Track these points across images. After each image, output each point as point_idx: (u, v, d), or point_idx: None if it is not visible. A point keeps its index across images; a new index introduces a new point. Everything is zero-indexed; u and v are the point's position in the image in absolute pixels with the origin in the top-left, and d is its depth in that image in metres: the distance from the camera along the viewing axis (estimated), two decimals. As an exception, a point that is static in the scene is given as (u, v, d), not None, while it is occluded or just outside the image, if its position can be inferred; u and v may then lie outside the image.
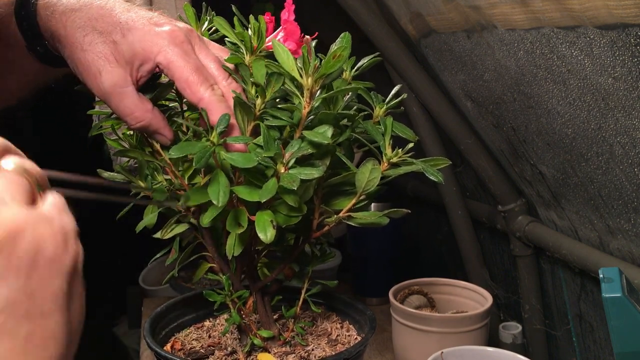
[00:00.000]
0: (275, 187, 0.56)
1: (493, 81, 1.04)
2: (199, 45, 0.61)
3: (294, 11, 0.64)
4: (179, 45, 0.58)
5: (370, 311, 0.76)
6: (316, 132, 0.58)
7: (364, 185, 0.61)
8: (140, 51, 0.58)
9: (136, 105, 0.59)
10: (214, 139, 0.57)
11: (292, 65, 0.58)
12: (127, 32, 0.58)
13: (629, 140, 0.81)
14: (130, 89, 0.59)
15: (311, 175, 0.57)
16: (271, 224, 0.58)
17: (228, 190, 0.57)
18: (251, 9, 1.36)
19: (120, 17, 0.58)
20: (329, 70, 0.58)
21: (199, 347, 0.74)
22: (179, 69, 0.58)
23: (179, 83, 0.58)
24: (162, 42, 0.58)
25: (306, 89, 0.58)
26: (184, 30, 0.60)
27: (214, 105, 0.58)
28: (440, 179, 0.60)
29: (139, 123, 0.60)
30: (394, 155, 0.61)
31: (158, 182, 0.66)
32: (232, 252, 0.63)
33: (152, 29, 0.58)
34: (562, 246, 1.09)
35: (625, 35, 0.69)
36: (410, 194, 1.75)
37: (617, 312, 0.67)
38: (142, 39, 0.58)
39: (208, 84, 0.59)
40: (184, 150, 0.57)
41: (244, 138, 0.59)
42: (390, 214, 0.64)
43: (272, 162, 0.56)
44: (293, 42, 0.64)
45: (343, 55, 0.57)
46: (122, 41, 0.58)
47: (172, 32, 0.59)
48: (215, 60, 0.61)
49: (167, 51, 0.58)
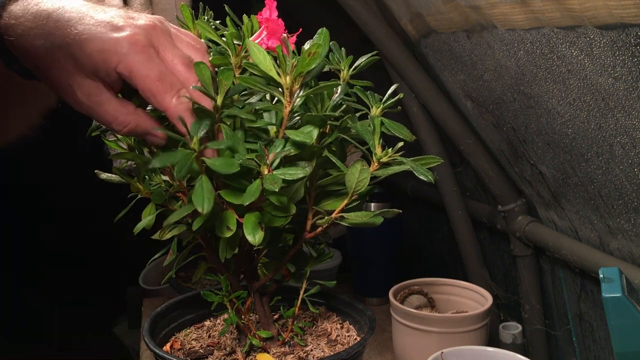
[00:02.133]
0: (259, 189, 0.55)
1: (493, 81, 1.04)
2: (164, 45, 0.57)
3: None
4: (140, 52, 0.55)
5: (370, 311, 0.76)
6: (299, 132, 0.57)
7: (354, 185, 0.61)
8: (101, 63, 0.55)
9: (117, 110, 0.57)
10: (195, 145, 0.54)
11: (268, 64, 0.57)
12: (84, 44, 0.54)
13: (629, 140, 0.81)
14: (106, 95, 0.57)
15: (296, 176, 0.56)
16: (259, 226, 0.57)
17: (212, 196, 0.55)
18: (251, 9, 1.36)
19: (77, 27, 0.55)
20: (305, 68, 0.57)
21: (198, 347, 0.74)
22: (141, 79, 0.55)
23: (144, 93, 0.56)
24: (121, 50, 0.54)
25: (285, 87, 0.58)
26: (146, 31, 0.56)
27: (182, 115, 0.55)
28: (430, 179, 0.59)
29: (126, 127, 0.58)
30: (384, 155, 0.61)
31: (156, 184, 0.66)
32: (225, 255, 0.62)
33: (110, 37, 0.55)
34: (562, 246, 1.09)
35: (625, 35, 0.69)
36: (410, 194, 1.75)
37: (617, 312, 0.67)
38: (100, 49, 0.54)
39: (174, 91, 0.56)
40: (166, 160, 0.54)
41: (224, 142, 0.57)
42: (383, 214, 0.63)
43: (254, 164, 0.55)
44: (276, 40, 0.63)
45: (318, 52, 0.56)
46: (80, 54, 0.55)
47: (131, 38, 0.55)
48: (183, 61, 0.58)
49: (127, 60, 0.55)
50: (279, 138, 0.59)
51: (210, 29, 0.64)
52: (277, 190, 0.54)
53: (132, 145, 0.65)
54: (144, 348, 1.26)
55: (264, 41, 0.63)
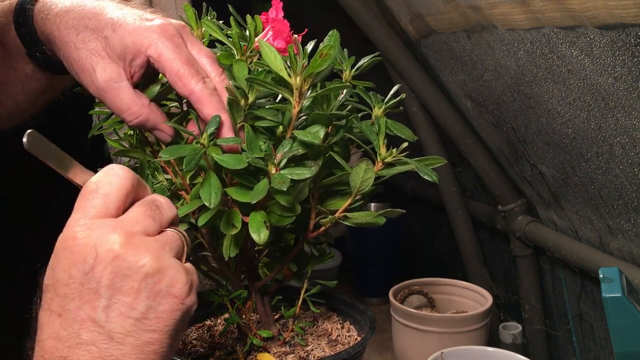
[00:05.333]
0: (266, 188, 0.56)
1: (493, 81, 1.04)
2: (191, 39, 0.60)
3: (282, 9, 0.64)
4: (169, 39, 0.58)
5: (370, 311, 0.76)
6: (307, 132, 0.58)
7: (359, 185, 0.61)
8: (131, 45, 0.57)
9: (132, 101, 0.59)
10: (204, 140, 0.56)
11: (279, 65, 0.57)
12: (118, 27, 0.58)
13: (629, 140, 0.81)
14: (125, 84, 0.59)
15: (303, 176, 0.56)
16: (264, 225, 0.58)
17: (220, 192, 0.56)
18: (251, 9, 1.36)
19: (112, 15, 0.59)
20: (316, 69, 0.57)
21: (199, 346, 0.74)
22: (169, 61, 0.57)
23: (170, 76, 0.58)
24: (152, 35, 0.58)
25: (295, 88, 0.58)
26: (175, 25, 0.60)
27: (206, 99, 0.58)
28: (434, 179, 0.60)
29: (137, 119, 0.59)
30: (388, 155, 0.61)
31: (159, 182, 0.66)
32: (229, 253, 0.62)
33: (142, 24, 0.58)
34: (562, 246, 1.09)
35: (625, 35, 0.69)
36: (410, 194, 1.75)
37: (617, 312, 0.67)
38: (132, 32, 0.58)
39: (199, 77, 0.58)
40: (175, 153, 0.56)
41: (234, 139, 0.58)
42: (386, 214, 0.63)
43: (262, 163, 0.56)
44: (282, 41, 0.63)
45: (330, 54, 0.57)
46: (113, 36, 0.58)
47: (162, 26, 0.58)
48: (209, 55, 0.61)
49: (157, 44, 0.57)
50: (286, 138, 0.59)
51: (216, 27, 0.64)
52: (285, 190, 0.55)
53: (135, 144, 0.65)
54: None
55: (270, 41, 0.63)
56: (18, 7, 0.62)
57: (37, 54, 0.63)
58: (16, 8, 0.62)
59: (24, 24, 0.61)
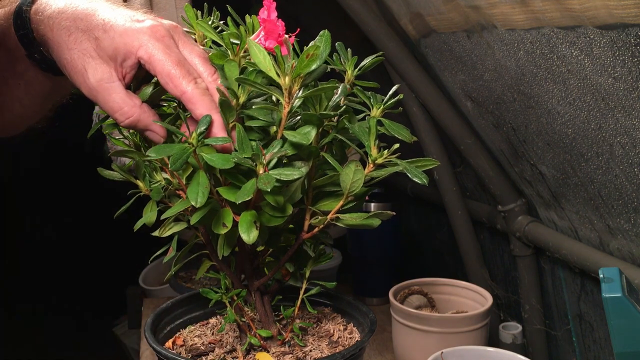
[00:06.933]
0: (254, 188, 0.56)
1: (493, 81, 1.04)
2: (183, 40, 0.61)
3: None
4: (160, 40, 0.58)
5: (372, 314, 0.76)
6: (297, 133, 0.58)
7: (349, 186, 0.60)
8: (122, 46, 0.58)
9: (124, 101, 0.59)
10: (193, 140, 0.56)
11: (268, 65, 0.57)
12: (108, 28, 0.59)
13: (629, 140, 0.81)
14: (117, 84, 0.59)
15: (291, 177, 0.56)
16: (254, 225, 0.58)
17: (207, 191, 0.56)
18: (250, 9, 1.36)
19: (103, 16, 0.59)
20: (304, 70, 0.57)
21: (200, 344, 0.74)
22: (160, 62, 0.58)
23: (161, 77, 0.58)
24: (142, 37, 0.58)
25: (284, 88, 0.58)
26: (166, 26, 0.60)
27: (197, 99, 0.58)
28: (424, 181, 0.59)
29: (128, 119, 0.60)
30: (379, 156, 0.60)
31: (156, 181, 0.66)
32: (222, 253, 0.63)
33: (133, 25, 0.59)
34: (562, 246, 1.09)
35: (625, 35, 0.69)
36: (410, 194, 1.75)
37: (617, 312, 0.67)
38: (123, 34, 0.58)
39: (191, 77, 0.58)
40: (162, 152, 0.56)
41: (224, 139, 0.58)
42: (379, 215, 0.63)
43: (251, 163, 0.56)
44: (274, 41, 0.63)
45: (317, 54, 0.57)
46: (104, 37, 0.58)
47: (153, 27, 0.59)
48: (201, 55, 0.61)
49: (147, 45, 0.58)
50: (277, 138, 0.59)
51: (211, 28, 0.64)
52: (270, 190, 0.55)
53: (139, 144, 0.65)
54: (145, 348, 1.26)
55: (262, 42, 0.63)
56: (17, 9, 0.63)
57: (36, 56, 0.64)
58: (15, 10, 0.63)
59: (22, 25, 0.62)
